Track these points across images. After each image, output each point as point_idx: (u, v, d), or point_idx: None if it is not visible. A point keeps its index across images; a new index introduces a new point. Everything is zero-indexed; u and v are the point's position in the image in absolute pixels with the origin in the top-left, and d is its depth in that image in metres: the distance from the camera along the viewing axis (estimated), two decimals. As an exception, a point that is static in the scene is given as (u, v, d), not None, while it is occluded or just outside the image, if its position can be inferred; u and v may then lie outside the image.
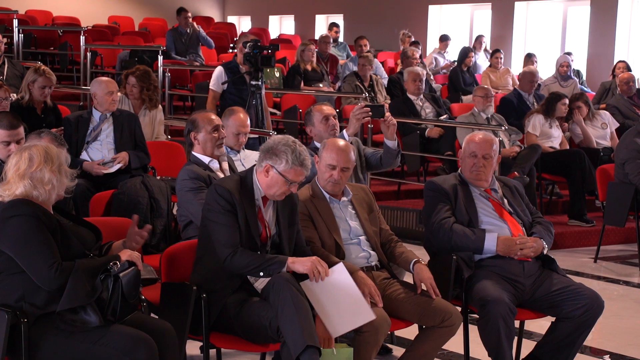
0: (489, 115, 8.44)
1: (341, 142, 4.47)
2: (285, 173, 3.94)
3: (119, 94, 6.79)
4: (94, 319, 3.46)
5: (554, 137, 8.52)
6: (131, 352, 3.41)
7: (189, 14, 12.97)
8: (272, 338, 3.79)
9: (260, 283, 3.99)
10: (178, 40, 12.79)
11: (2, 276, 3.51)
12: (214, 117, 5.06)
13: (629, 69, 10.94)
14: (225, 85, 7.71)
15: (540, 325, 5.08)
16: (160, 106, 7.55)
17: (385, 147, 5.38)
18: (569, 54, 12.16)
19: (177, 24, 13.12)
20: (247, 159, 5.49)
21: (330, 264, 4.03)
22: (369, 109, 5.40)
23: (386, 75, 11.54)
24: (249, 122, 5.54)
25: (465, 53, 12.10)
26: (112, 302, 3.50)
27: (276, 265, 3.89)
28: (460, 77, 11.85)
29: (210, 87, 7.94)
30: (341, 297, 3.90)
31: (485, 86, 9.45)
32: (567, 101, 8.58)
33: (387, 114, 5.34)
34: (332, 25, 14.54)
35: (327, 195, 4.42)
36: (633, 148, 7.19)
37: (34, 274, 3.44)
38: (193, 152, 4.99)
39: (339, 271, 3.96)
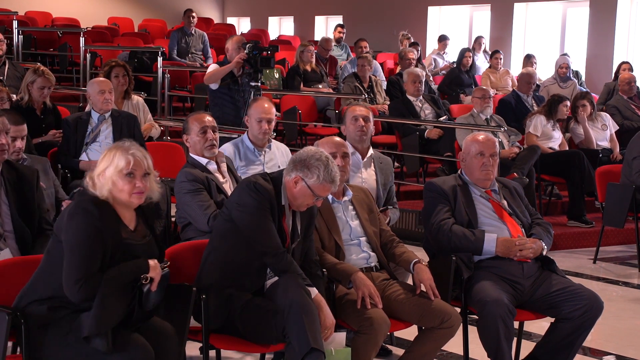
0: (488, 116, 8.44)
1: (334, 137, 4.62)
2: (314, 187, 3.90)
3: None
4: (103, 345, 3.40)
5: (555, 139, 8.53)
6: (128, 355, 3.40)
7: (194, 14, 13.05)
8: (276, 338, 3.79)
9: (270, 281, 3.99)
10: (181, 40, 12.82)
11: (55, 267, 3.46)
12: (204, 118, 4.95)
13: (631, 71, 10.92)
14: (217, 86, 7.66)
15: (539, 326, 5.08)
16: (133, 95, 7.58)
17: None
18: (565, 54, 12.16)
19: (182, 23, 13.24)
20: (270, 162, 5.43)
21: (335, 270, 4.15)
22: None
23: (384, 78, 11.52)
24: (274, 109, 5.46)
25: (462, 54, 12.12)
26: (134, 317, 3.49)
27: (306, 285, 3.86)
28: (454, 78, 11.85)
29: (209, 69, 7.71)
30: None
31: (484, 87, 9.45)
32: (568, 103, 8.60)
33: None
34: (337, 26, 14.52)
35: (330, 196, 4.40)
36: None
37: (64, 280, 3.43)
38: (190, 154, 4.96)
39: (339, 336, 3.94)
